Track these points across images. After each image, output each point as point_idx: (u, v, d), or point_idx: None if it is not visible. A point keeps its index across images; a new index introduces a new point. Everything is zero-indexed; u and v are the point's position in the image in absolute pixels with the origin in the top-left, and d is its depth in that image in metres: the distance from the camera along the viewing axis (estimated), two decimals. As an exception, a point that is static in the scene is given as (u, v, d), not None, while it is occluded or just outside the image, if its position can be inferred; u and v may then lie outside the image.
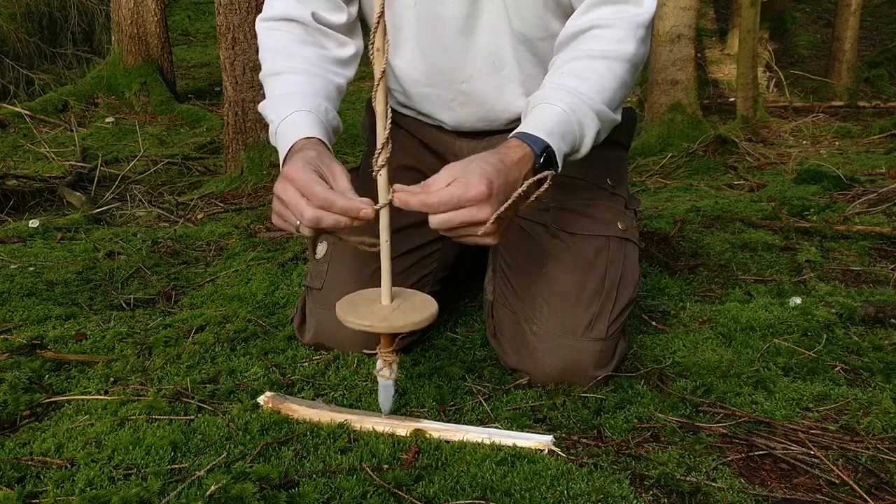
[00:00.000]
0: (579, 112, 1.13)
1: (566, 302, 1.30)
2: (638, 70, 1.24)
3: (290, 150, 1.14)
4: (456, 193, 0.97)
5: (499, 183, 1.00)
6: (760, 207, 2.69)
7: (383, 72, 0.98)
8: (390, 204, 1.01)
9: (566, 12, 1.30)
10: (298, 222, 1.02)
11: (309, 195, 1.00)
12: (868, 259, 2.07)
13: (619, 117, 1.22)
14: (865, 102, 6.89)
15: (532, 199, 1.05)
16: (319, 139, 1.15)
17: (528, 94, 1.38)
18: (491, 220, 0.99)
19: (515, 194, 1.02)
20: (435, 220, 0.99)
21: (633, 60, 1.21)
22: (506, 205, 1.01)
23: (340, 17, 1.35)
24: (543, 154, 1.08)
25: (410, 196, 0.99)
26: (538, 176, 1.05)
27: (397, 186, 1.00)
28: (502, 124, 1.41)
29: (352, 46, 1.38)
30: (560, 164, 1.11)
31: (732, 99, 6.67)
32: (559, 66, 1.21)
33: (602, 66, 1.18)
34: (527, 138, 1.09)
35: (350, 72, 1.38)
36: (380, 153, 1.01)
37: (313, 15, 1.31)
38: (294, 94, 1.22)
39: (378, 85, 0.99)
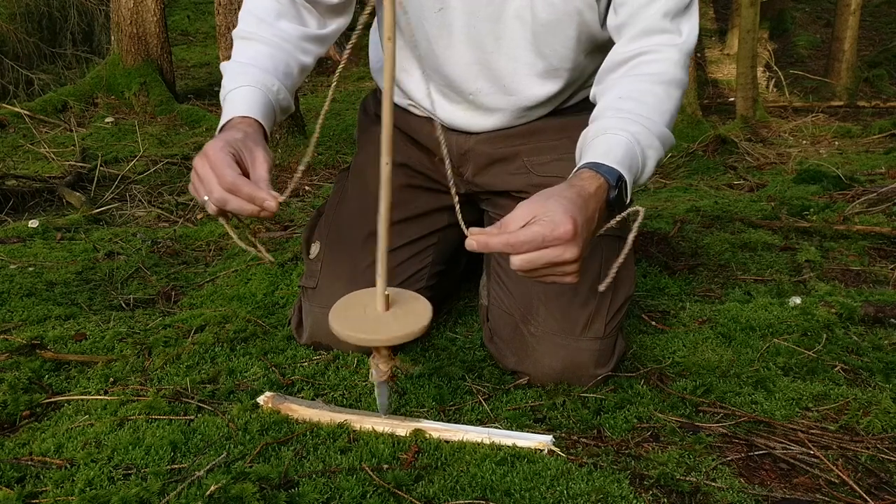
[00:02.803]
0: (644, 141, 1.11)
1: (563, 302, 1.30)
2: (683, 98, 1.23)
3: (226, 123, 1.16)
4: (541, 232, 0.93)
5: (582, 220, 0.96)
6: (760, 207, 2.69)
7: (392, 76, 0.98)
8: (389, 208, 0.99)
9: (597, 46, 1.30)
10: (206, 198, 1.04)
11: (219, 176, 1.01)
12: (868, 259, 2.07)
13: (674, 141, 1.21)
14: (865, 102, 6.89)
15: (633, 235, 1.01)
16: (256, 119, 1.16)
17: (531, 114, 1.38)
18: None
19: (627, 246, 0.99)
20: (518, 261, 0.94)
21: (684, 87, 1.21)
22: (621, 257, 0.98)
23: None
24: (618, 184, 1.05)
25: (490, 238, 0.94)
26: (630, 210, 1.01)
27: (473, 230, 0.96)
28: (496, 127, 1.42)
29: (334, 24, 1.39)
30: (629, 196, 1.08)
31: (732, 99, 6.67)
32: (615, 91, 1.19)
33: (660, 89, 1.17)
34: (600, 168, 1.05)
35: (321, 48, 1.38)
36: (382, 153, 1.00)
37: None
38: (253, 67, 1.23)
39: (385, 96, 0.98)
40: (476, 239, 0.95)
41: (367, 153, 1.57)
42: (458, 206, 1.03)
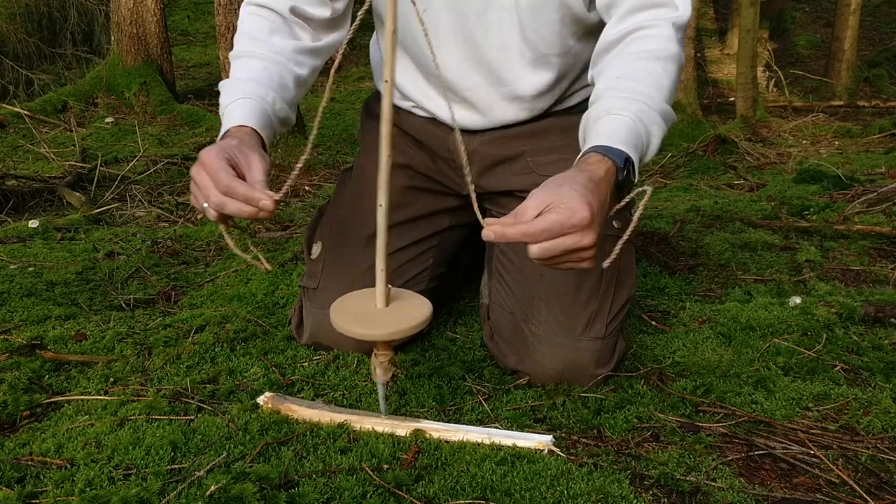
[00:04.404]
0: (646, 119, 1.11)
1: (564, 301, 1.30)
2: (681, 72, 1.22)
3: (223, 134, 1.17)
4: (559, 220, 0.92)
5: (597, 204, 0.96)
6: (760, 207, 2.69)
7: (391, 78, 0.98)
8: (386, 206, 1.00)
9: (586, 29, 1.30)
10: (205, 204, 1.04)
11: (215, 181, 1.02)
12: (868, 259, 2.07)
13: (675, 117, 1.20)
14: (865, 102, 6.89)
15: (636, 218, 1.01)
16: (252, 128, 1.17)
17: (531, 106, 1.38)
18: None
19: (630, 227, 1.00)
20: (536, 250, 0.94)
21: (680, 61, 1.20)
22: (625, 236, 0.99)
23: (323, 12, 1.36)
24: (626, 166, 1.05)
25: (506, 228, 0.94)
26: (638, 190, 1.01)
27: (489, 220, 0.96)
28: (497, 125, 1.42)
29: (329, 38, 1.39)
30: (636, 176, 1.08)
31: (732, 99, 6.67)
32: (611, 71, 1.18)
33: (656, 66, 1.16)
34: (607, 151, 1.05)
35: (317, 61, 1.38)
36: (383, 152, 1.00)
37: (291, 9, 1.33)
38: (247, 81, 1.24)
39: (385, 91, 0.99)
40: (493, 230, 0.94)
41: (369, 154, 1.57)
42: (474, 196, 1.01)
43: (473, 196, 1.01)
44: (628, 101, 1.11)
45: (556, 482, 0.98)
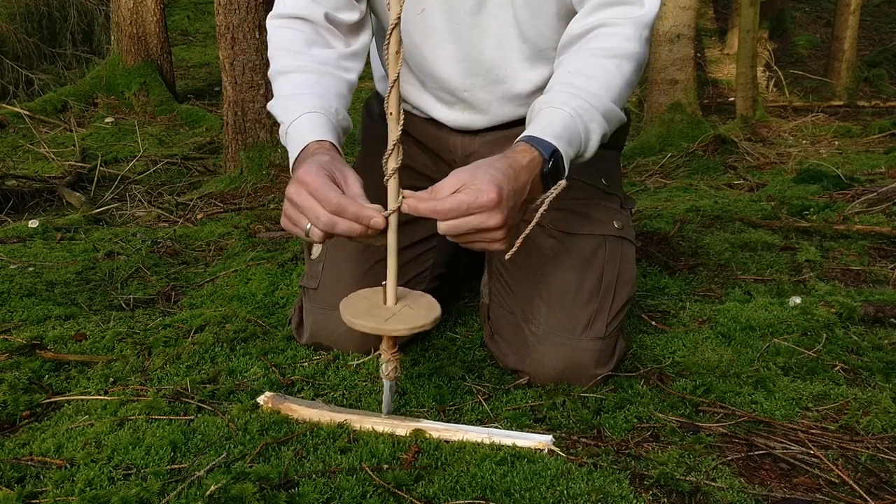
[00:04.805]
0: (586, 116, 1.13)
1: (564, 301, 1.30)
2: (641, 70, 1.24)
3: (301, 152, 1.14)
4: (466, 200, 0.97)
5: (508, 189, 1.00)
6: (760, 207, 2.69)
7: (397, 77, 0.98)
8: (399, 209, 1.02)
9: None
10: (308, 226, 1.02)
11: (322, 200, 1.00)
12: (868, 258, 2.07)
13: (625, 116, 1.22)
14: (865, 102, 6.89)
15: (544, 207, 1.05)
16: (331, 143, 1.15)
17: (530, 103, 1.38)
18: (505, 233, 1.00)
19: (538, 214, 1.03)
20: (444, 226, 0.99)
21: (639, 59, 1.21)
22: (528, 228, 1.03)
23: (353, 16, 1.34)
24: (552, 158, 1.08)
25: (420, 202, 1.00)
26: (553, 189, 1.05)
27: (406, 192, 1.01)
28: (496, 124, 1.42)
29: (360, 40, 1.38)
30: (567, 169, 1.11)
31: (732, 98, 6.67)
32: (566, 66, 1.21)
33: (610, 64, 1.18)
34: (535, 142, 1.08)
35: (360, 64, 1.38)
36: (390, 154, 1.01)
37: (326, 15, 1.30)
38: (304, 95, 1.21)
39: (392, 88, 0.99)
40: (407, 202, 1.01)
41: (371, 154, 1.57)
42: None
43: (393, 172, 1.02)
44: (571, 97, 1.13)
45: (555, 482, 0.98)
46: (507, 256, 1.05)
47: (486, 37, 1.31)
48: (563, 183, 1.06)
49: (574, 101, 1.13)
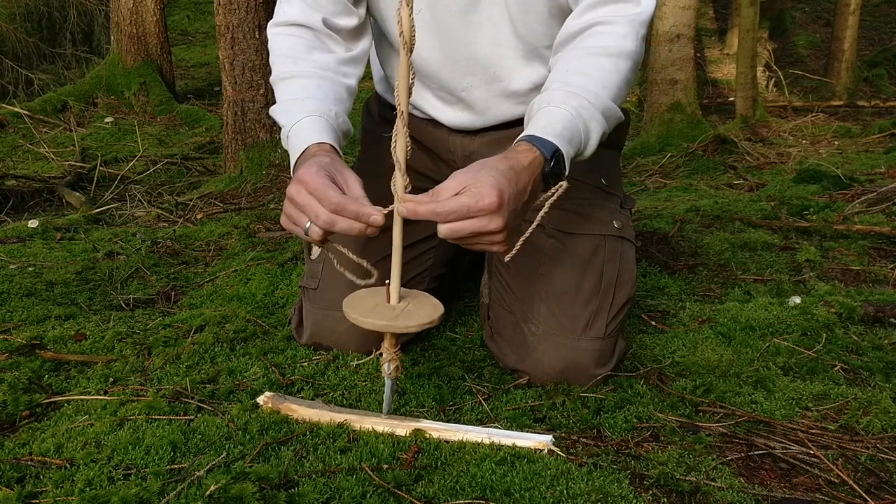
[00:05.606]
0: (586, 115, 1.13)
1: (564, 301, 1.30)
2: (638, 69, 1.24)
3: (301, 154, 1.15)
4: (466, 203, 0.97)
5: (509, 192, 0.99)
6: (760, 207, 2.69)
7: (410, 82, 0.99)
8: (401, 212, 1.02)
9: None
10: (308, 225, 1.03)
11: (322, 199, 1.00)
12: (868, 258, 2.07)
13: (623, 115, 1.22)
14: (865, 102, 6.89)
15: (545, 209, 1.05)
16: (331, 145, 1.16)
17: (527, 101, 1.38)
18: (505, 237, 1.00)
19: (539, 216, 1.03)
20: (444, 230, 0.99)
21: (635, 58, 1.21)
22: (529, 230, 1.03)
23: (351, 21, 1.35)
24: (553, 158, 1.07)
25: (419, 205, 0.99)
26: (554, 191, 1.05)
27: (405, 196, 1.01)
28: (495, 123, 1.42)
29: (360, 45, 1.39)
30: (567, 168, 1.11)
31: (732, 98, 6.67)
32: (563, 64, 1.21)
33: (607, 62, 1.18)
34: (536, 142, 1.08)
35: (360, 69, 1.38)
36: (396, 142, 1.01)
37: (324, 21, 1.32)
38: (305, 99, 1.23)
39: (399, 90, 0.99)
40: (406, 206, 1.00)
41: (370, 154, 1.57)
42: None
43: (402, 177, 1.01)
44: (571, 96, 1.13)
45: (555, 482, 0.98)
46: (507, 258, 1.05)
47: (481, 35, 1.31)
48: (564, 184, 1.05)
49: (573, 100, 1.13)
